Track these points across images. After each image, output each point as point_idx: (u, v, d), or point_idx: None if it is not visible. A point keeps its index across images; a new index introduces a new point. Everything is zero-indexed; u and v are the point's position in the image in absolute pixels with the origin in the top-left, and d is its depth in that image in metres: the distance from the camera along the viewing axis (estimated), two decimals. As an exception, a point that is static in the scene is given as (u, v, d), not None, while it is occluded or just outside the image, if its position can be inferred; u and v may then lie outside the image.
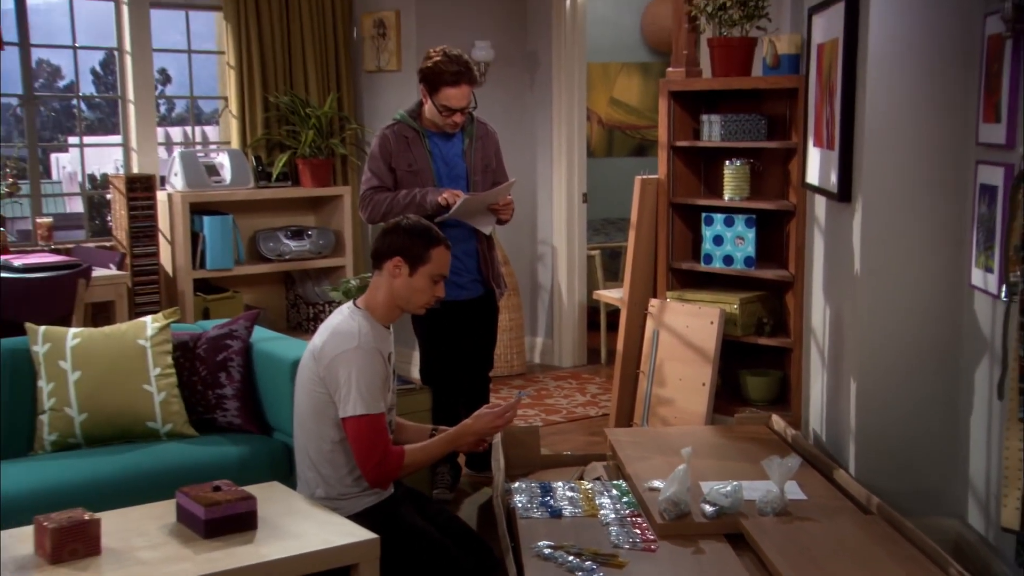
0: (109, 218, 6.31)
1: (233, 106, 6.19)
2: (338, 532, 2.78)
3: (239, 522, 2.73)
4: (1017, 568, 3.13)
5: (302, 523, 2.82)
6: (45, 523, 2.53)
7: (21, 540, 2.64)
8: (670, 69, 5.15)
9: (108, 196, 6.15)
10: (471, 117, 4.31)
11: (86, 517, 2.58)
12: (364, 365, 3.07)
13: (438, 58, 4.16)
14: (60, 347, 3.64)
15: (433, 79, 4.14)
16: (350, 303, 3.29)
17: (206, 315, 5.67)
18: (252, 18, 6.13)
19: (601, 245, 7.58)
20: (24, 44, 5.63)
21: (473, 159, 4.31)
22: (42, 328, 3.69)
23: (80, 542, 2.54)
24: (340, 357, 3.07)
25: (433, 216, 4.11)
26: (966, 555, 3.47)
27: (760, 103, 4.99)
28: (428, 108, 4.23)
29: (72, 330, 3.73)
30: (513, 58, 6.67)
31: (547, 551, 3.20)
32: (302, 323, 6.32)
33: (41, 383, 3.61)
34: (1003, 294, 3.09)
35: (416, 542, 3.10)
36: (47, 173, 6.19)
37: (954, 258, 3.63)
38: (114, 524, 2.72)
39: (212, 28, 6.52)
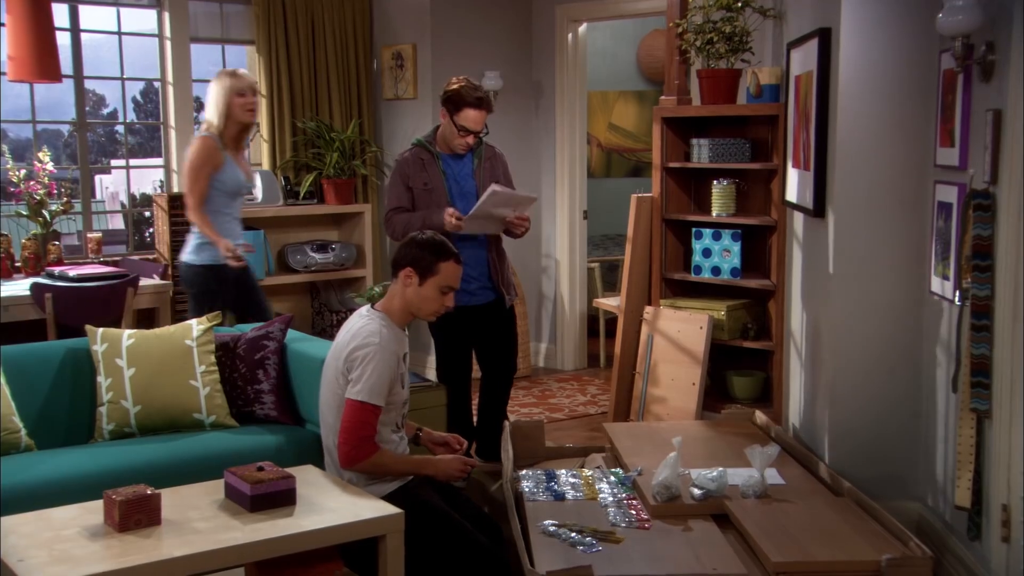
0: (147, 233, 6.47)
1: (264, 131, 6.33)
2: (367, 507, 2.91)
3: (280, 498, 2.86)
4: (969, 542, 3.28)
5: (335, 499, 2.94)
6: (114, 496, 2.68)
7: (92, 512, 2.79)
8: (663, 97, 5.26)
9: (147, 213, 6.31)
10: (480, 140, 4.46)
11: (148, 492, 2.72)
12: (380, 362, 3.16)
13: (462, 83, 4.31)
14: (117, 346, 3.77)
15: (457, 100, 4.28)
16: (367, 306, 3.38)
17: (239, 321, 5.80)
18: (282, 51, 6.28)
19: (600, 258, 7.64)
20: (78, 76, 5.81)
21: (482, 177, 4.43)
22: (100, 330, 3.81)
23: (144, 513, 2.69)
24: (361, 350, 3.17)
25: (445, 232, 4.25)
26: (926, 533, 3.60)
27: (744, 128, 5.09)
28: (445, 129, 4.35)
29: (127, 331, 3.85)
30: (520, 87, 6.76)
31: (552, 528, 3.34)
32: (326, 329, 6.45)
33: (100, 378, 3.74)
34: (957, 299, 3.24)
35: (435, 521, 3.20)
36: (92, 193, 6.35)
37: (915, 267, 3.74)
38: (170, 500, 2.85)
39: (243, 60, 6.68)
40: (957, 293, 3.24)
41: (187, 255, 4.62)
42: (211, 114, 4.55)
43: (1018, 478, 3.00)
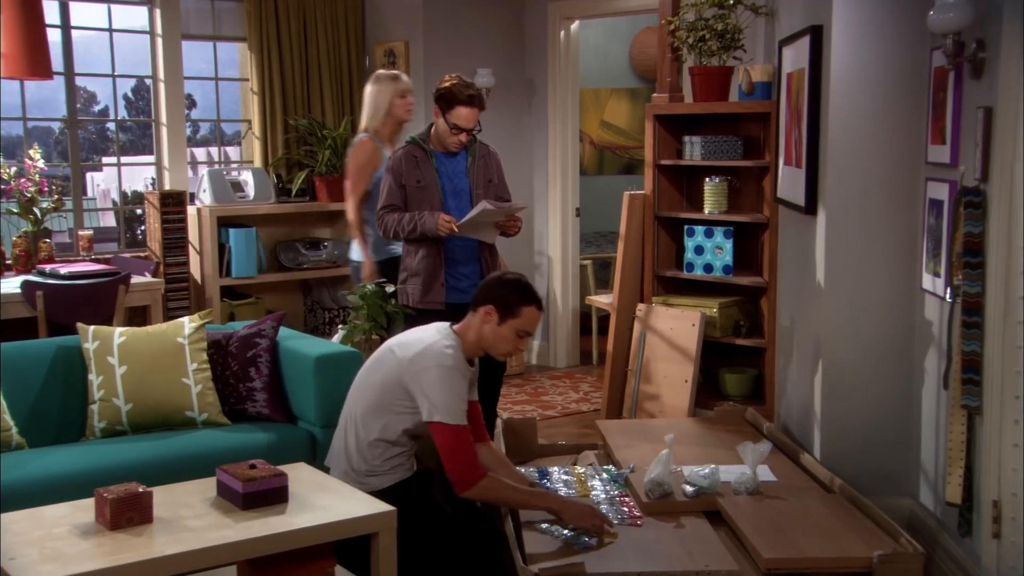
0: (139, 231, 6.46)
1: (256, 128, 6.33)
2: (360, 505, 2.90)
3: (273, 496, 2.85)
4: (960, 538, 3.29)
5: (328, 497, 2.94)
6: (105, 494, 2.67)
7: (82, 510, 2.78)
8: (655, 95, 5.25)
9: (139, 211, 6.31)
10: (474, 138, 4.46)
11: (140, 490, 2.71)
12: (452, 383, 3.16)
13: (455, 81, 4.31)
14: (108, 344, 3.77)
15: (449, 98, 4.28)
16: (448, 324, 3.34)
17: (231, 319, 5.78)
18: (274, 48, 6.27)
19: (593, 256, 7.65)
20: (69, 74, 5.79)
21: (475, 175, 4.43)
22: (92, 327, 3.81)
23: (135, 511, 2.68)
24: (434, 370, 3.15)
25: (431, 236, 4.25)
26: (917, 529, 3.61)
27: (736, 126, 5.09)
28: (439, 126, 4.35)
29: (119, 329, 3.85)
30: (512, 84, 6.77)
31: (544, 526, 3.33)
32: (318, 326, 6.45)
33: (91, 376, 3.74)
34: (948, 296, 3.25)
35: (431, 517, 3.22)
36: (83, 190, 6.34)
37: (907, 264, 3.76)
38: (162, 497, 2.84)
39: (234, 57, 6.67)
40: (948, 290, 3.25)
41: (356, 254, 4.74)
42: (370, 115, 4.79)
43: (1008, 474, 3.01)
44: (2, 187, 5.43)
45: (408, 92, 4.81)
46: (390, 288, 4.32)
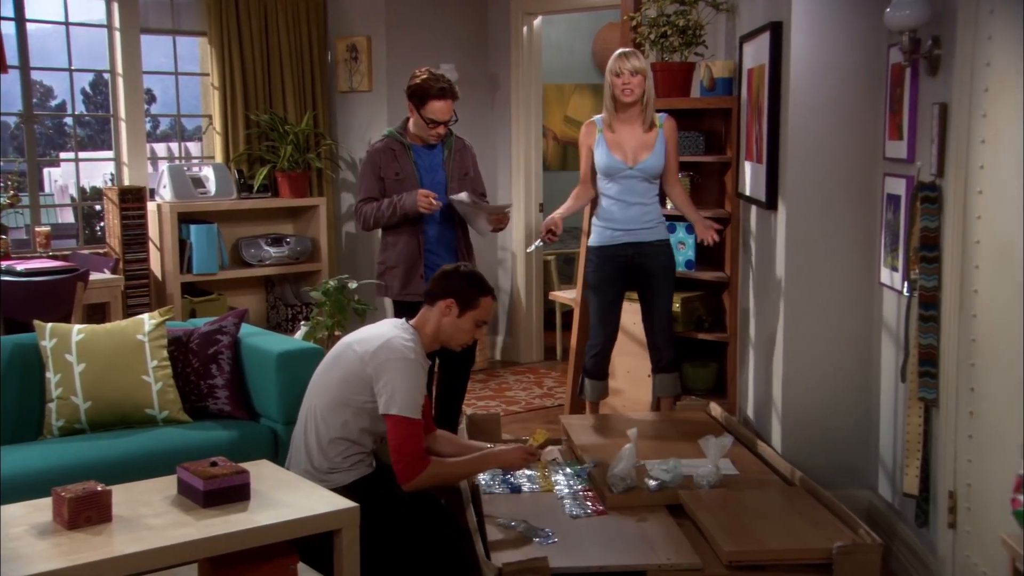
0: (99, 227, 6.38)
1: (217, 123, 6.27)
2: (322, 502, 2.89)
3: (234, 493, 2.83)
4: (917, 529, 3.34)
5: (290, 495, 2.92)
6: (63, 493, 2.63)
7: (40, 509, 2.74)
8: (618, 91, 5.32)
9: (98, 207, 6.24)
10: (450, 132, 4.47)
11: (99, 488, 2.68)
12: (413, 376, 3.21)
13: (425, 76, 4.31)
14: (66, 342, 3.72)
15: (421, 94, 4.28)
16: (404, 320, 3.40)
17: (193, 315, 5.73)
18: (235, 43, 6.22)
19: (556, 251, 7.66)
20: (24, 67, 5.70)
21: (451, 168, 4.45)
22: (49, 325, 3.75)
23: (94, 510, 2.65)
24: (394, 362, 3.20)
25: (413, 218, 4.25)
26: (875, 520, 3.67)
27: (699, 121, 5.11)
28: (415, 122, 4.36)
29: (77, 326, 3.80)
30: (475, 80, 6.75)
31: (511, 523, 3.33)
32: (281, 323, 6.41)
33: (49, 374, 3.69)
34: (906, 290, 3.30)
35: (393, 512, 3.23)
36: (40, 186, 6.25)
37: (865, 259, 3.81)
38: (122, 496, 2.81)
39: (194, 52, 6.60)
40: (905, 284, 3.29)
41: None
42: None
43: (964, 465, 3.06)
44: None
45: (626, 71, 4.44)
46: (352, 284, 4.31)
